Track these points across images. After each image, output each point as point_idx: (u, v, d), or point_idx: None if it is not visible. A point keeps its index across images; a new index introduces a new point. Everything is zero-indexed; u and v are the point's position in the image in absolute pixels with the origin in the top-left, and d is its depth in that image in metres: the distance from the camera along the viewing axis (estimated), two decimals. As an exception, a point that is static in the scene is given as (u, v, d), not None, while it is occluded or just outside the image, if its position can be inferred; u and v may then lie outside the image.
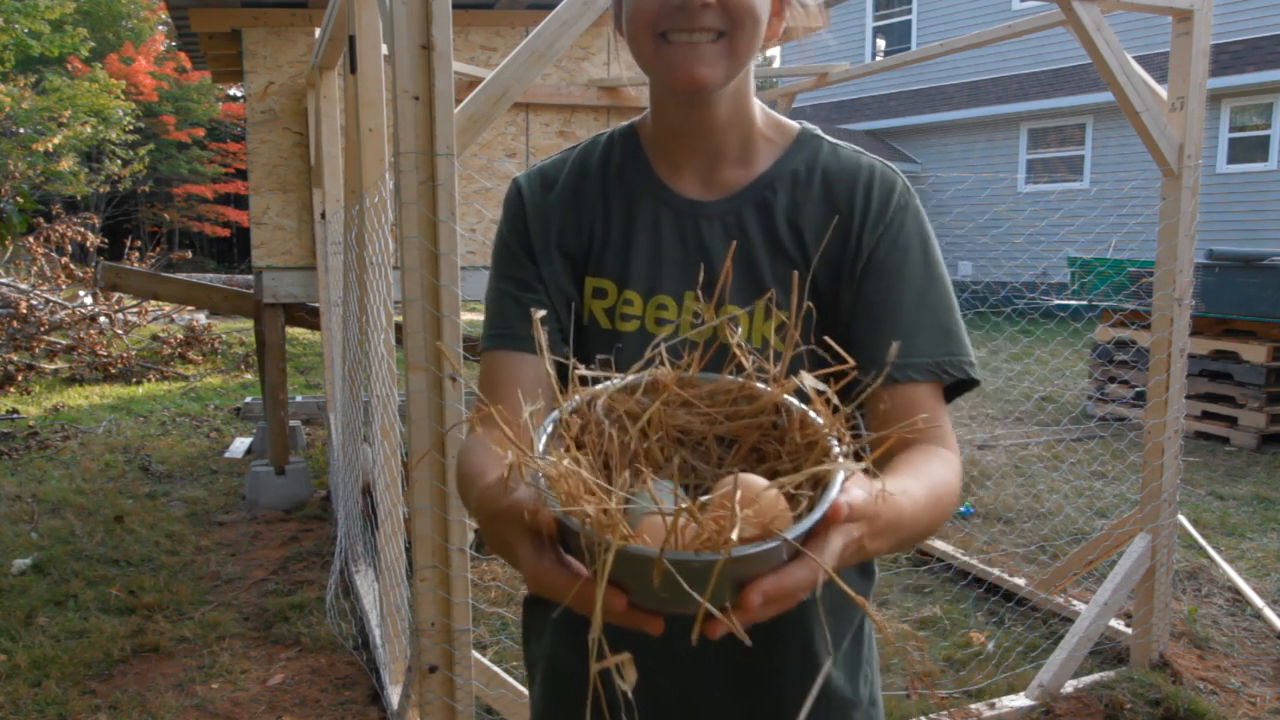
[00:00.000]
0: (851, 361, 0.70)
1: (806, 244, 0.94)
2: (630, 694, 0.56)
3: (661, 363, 0.74)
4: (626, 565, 0.57)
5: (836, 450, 0.65)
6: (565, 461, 0.62)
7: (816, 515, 0.60)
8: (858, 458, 0.66)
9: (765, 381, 0.73)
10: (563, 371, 0.78)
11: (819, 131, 1.01)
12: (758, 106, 0.97)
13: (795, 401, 0.70)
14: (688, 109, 0.93)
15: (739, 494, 0.59)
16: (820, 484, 0.63)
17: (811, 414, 0.68)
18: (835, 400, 0.67)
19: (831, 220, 0.94)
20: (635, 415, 0.72)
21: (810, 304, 0.91)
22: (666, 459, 0.74)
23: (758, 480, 0.63)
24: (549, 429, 0.69)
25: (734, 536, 0.55)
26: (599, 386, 0.73)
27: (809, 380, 0.67)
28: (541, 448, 0.66)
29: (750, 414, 0.73)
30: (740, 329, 0.94)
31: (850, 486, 0.63)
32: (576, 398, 0.71)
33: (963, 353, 0.92)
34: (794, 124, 1.01)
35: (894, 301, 0.91)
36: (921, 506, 0.76)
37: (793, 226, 0.95)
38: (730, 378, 0.74)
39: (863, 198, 0.94)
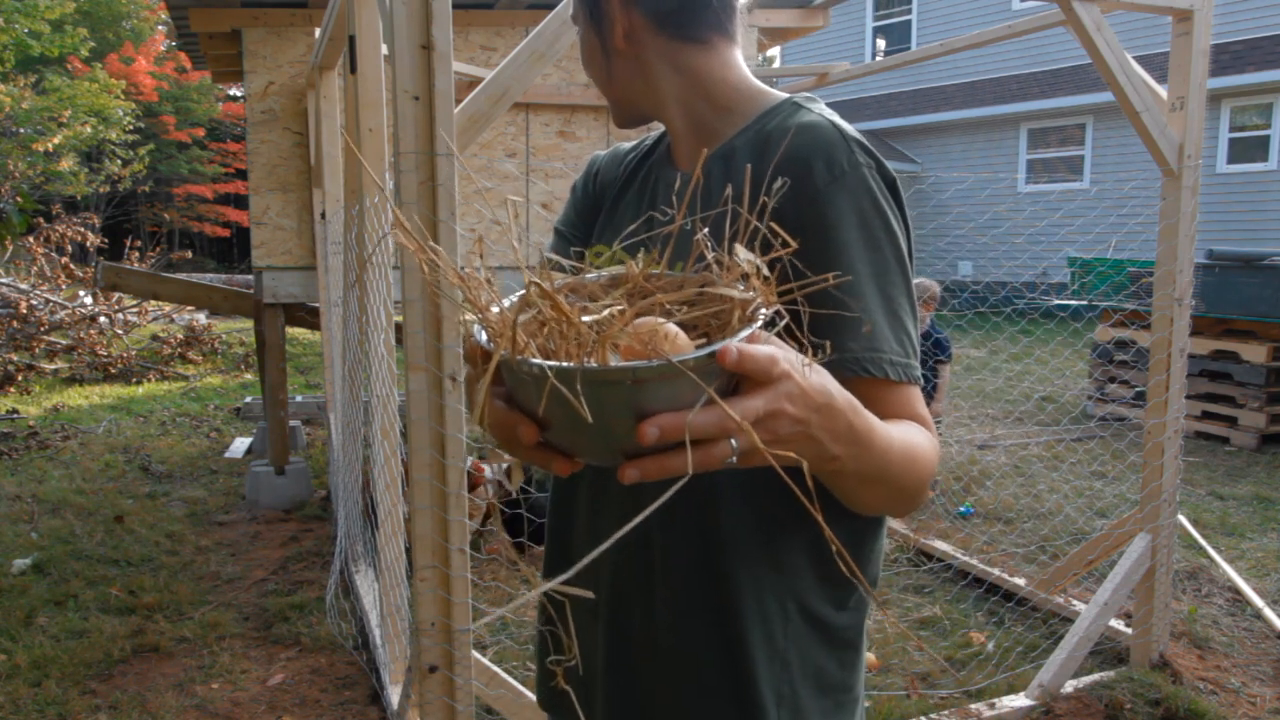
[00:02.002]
0: (794, 244, 0.69)
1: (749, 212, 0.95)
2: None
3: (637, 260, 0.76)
4: (532, 388, 0.59)
5: (761, 311, 0.65)
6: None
7: (709, 350, 0.58)
8: (799, 341, 0.67)
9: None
10: None
11: (801, 101, 0.95)
12: (721, 87, 0.99)
13: (740, 289, 0.70)
14: None
15: (625, 314, 0.62)
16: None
17: (746, 291, 0.68)
18: (765, 270, 0.66)
19: (758, 187, 0.87)
20: (597, 299, 0.74)
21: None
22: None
23: (661, 321, 0.63)
24: (511, 300, 0.71)
25: (593, 353, 0.57)
26: (575, 277, 0.76)
27: (742, 253, 0.67)
28: (502, 303, 0.68)
29: (706, 301, 0.72)
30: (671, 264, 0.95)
31: (765, 344, 0.62)
32: (549, 282, 0.74)
33: (883, 348, 0.83)
34: (776, 96, 0.98)
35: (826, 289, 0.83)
36: (895, 443, 0.74)
37: (738, 191, 0.92)
38: (694, 274, 0.73)
39: (789, 162, 0.87)
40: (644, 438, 0.57)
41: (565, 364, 0.57)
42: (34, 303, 8.72)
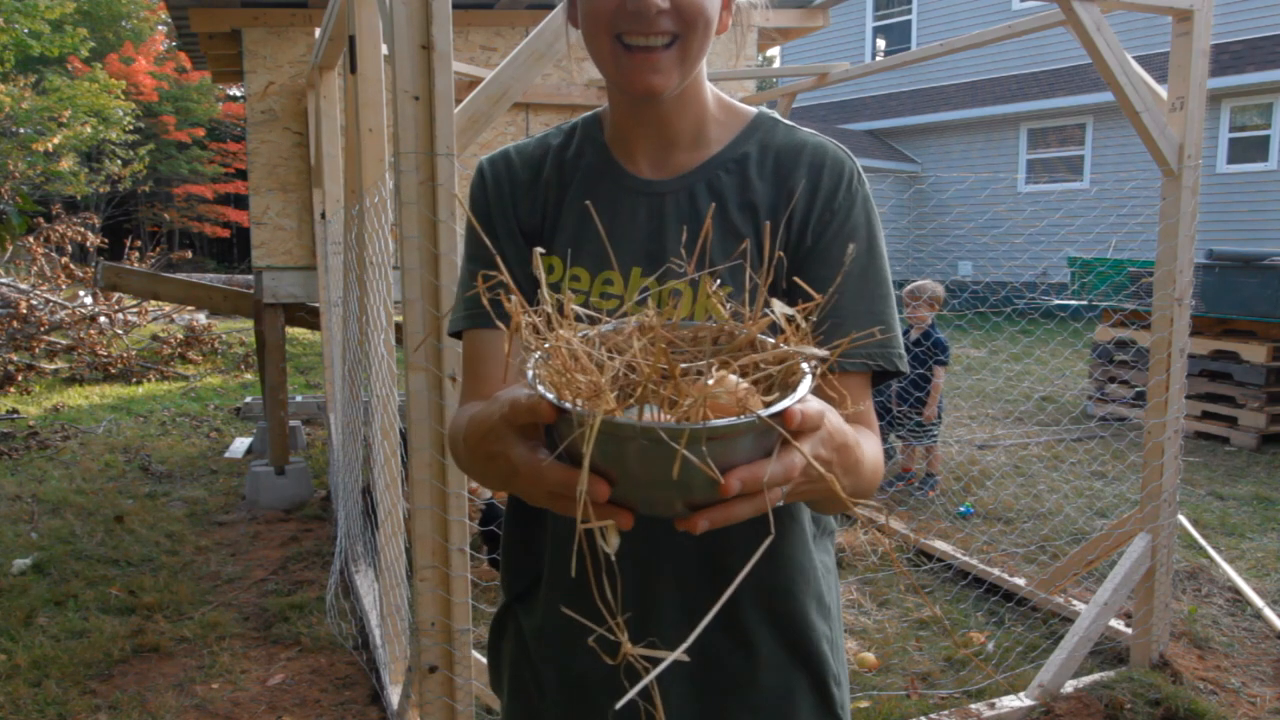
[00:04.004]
0: (819, 297, 0.73)
1: (759, 223, 0.96)
2: (613, 558, 0.61)
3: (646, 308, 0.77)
4: (611, 444, 0.60)
5: (804, 365, 0.69)
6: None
7: (791, 399, 0.62)
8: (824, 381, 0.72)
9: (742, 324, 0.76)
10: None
11: (775, 115, 1.03)
12: (710, 92, 1.00)
13: (770, 339, 0.73)
14: (640, 105, 0.97)
15: (714, 375, 0.64)
16: (790, 390, 0.67)
17: (784, 346, 0.71)
18: (803, 323, 0.70)
19: (781, 199, 0.96)
20: (621, 351, 0.74)
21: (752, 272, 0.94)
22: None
23: (732, 377, 0.66)
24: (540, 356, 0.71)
25: (704, 407, 0.60)
26: (594, 328, 0.75)
27: (779, 307, 0.70)
28: (531, 369, 0.68)
29: (729, 352, 0.75)
30: (682, 304, 0.95)
31: (810, 400, 0.66)
32: (576, 334, 0.72)
33: (894, 344, 0.95)
34: (749, 109, 1.03)
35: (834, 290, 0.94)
36: (868, 462, 0.82)
37: (744, 206, 0.97)
38: (709, 324, 0.76)
39: (813, 180, 0.96)
40: (729, 491, 0.60)
41: (686, 424, 0.59)
42: (34, 303, 8.72)
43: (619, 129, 1.01)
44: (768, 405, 0.64)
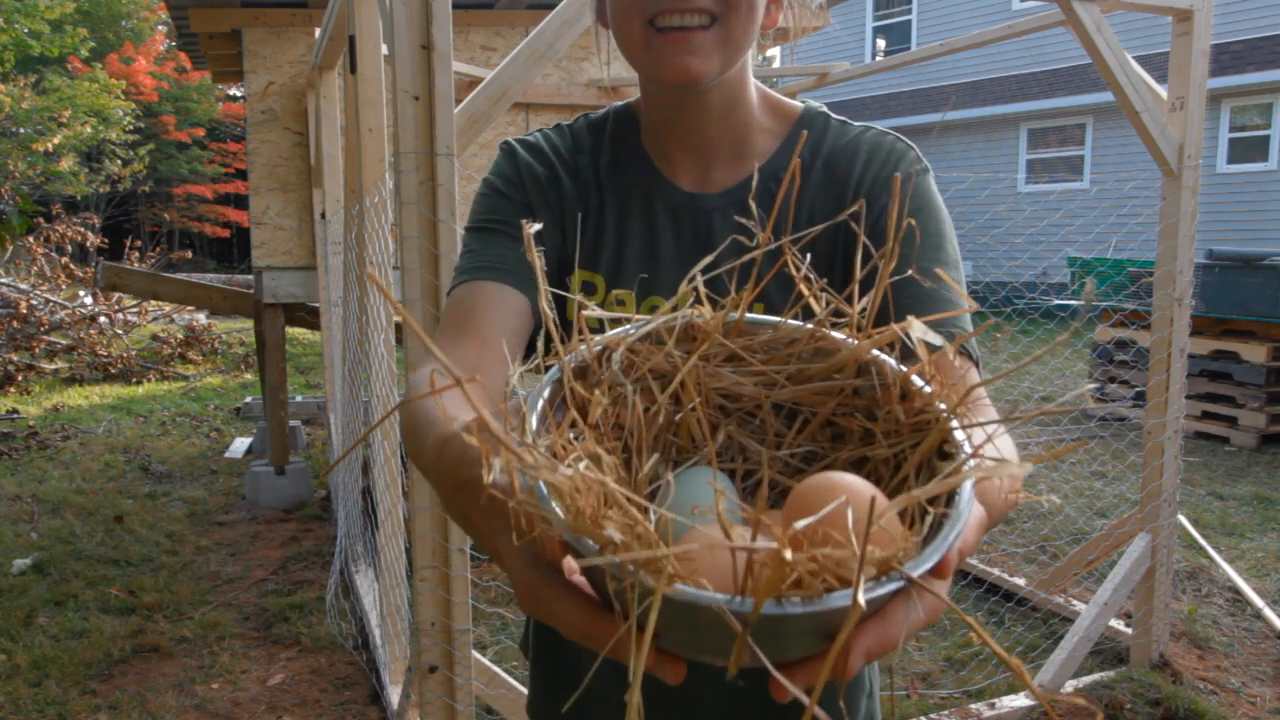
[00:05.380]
0: (973, 305, 0.54)
1: (817, 238, 0.87)
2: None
3: (697, 303, 0.54)
4: (669, 610, 0.39)
5: (961, 438, 0.46)
6: (583, 465, 0.42)
7: (950, 541, 0.42)
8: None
9: (844, 329, 0.52)
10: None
11: (823, 109, 0.94)
12: (755, 94, 0.91)
13: (891, 360, 0.50)
14: (678, 101, 0.87)
15: (851, 517, 0.41)
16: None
17: (917, 379, 0.49)
18: (954, 357, 0.48)
19: (839, 206, 0.88)
20: (663, 373, 0.53)
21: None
22: (706, 434, 0.54)
23: (859, 486, 0.43)
24: (545, 393, 0.49)
25: (858, 584, 0.38)
26: (614, 333, 0.53)
27: (918, 329, 0.46)
28: (535, 422, 0.46)
29: (822, 374, 0.53)
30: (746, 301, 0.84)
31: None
32: (583, 347, 0.51)
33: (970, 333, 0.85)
34: (795, 105, 0.95)
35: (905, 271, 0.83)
36: (998, 502, 0.62)
37: (800, 222, 0.89)
38: (794, 323, 0.54)
39: (872, 166, 0.89)
40: (850, 671, 0.41)
41: (801, 608, 0.39)
42: (34, 303, 8.72)
43: (655, 133, 0.91)
44: (914, 543, 0.43)
